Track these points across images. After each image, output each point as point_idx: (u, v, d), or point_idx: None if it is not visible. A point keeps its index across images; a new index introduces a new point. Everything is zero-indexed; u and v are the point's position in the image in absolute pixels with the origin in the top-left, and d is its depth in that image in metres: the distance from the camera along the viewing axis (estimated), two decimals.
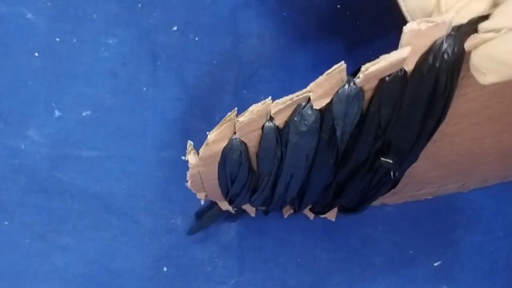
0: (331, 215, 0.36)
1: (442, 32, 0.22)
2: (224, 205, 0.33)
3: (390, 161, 0.28)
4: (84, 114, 0.38)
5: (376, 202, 0.36)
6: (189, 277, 0.37)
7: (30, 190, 0.37)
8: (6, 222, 0.37)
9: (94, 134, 0.38)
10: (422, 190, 0.36)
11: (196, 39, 0.39)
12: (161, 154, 0.38)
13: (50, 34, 0.39)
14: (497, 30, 0.21)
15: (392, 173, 0.29)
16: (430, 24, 0.21)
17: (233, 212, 0.35)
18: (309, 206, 0.34)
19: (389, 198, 0.36)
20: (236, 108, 0.25)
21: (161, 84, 0.39)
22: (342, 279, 0.38)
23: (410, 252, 0.38)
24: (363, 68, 0.22)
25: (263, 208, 0.33)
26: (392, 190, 0.33)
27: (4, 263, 0.36)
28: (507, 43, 0.21)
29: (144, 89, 0.39)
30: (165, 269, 0.37)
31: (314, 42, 0.39)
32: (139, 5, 0.39)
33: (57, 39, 0.39)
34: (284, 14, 0.40)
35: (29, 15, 0.39)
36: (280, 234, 0.38)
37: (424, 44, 0.22)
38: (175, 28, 0.39)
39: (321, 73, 0.25)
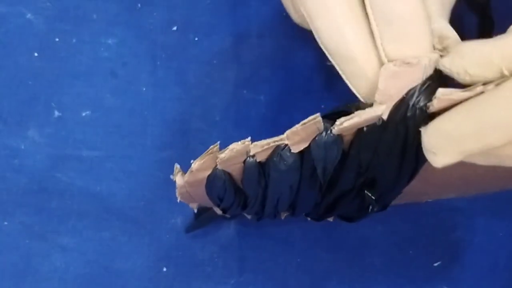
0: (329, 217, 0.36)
1: (418, 75, 0.22)
2: (219, 211, 0.34)
3: (373, 197, 0.29)
4: (83, 114, 0.38)
5: None
6: (189, 277, 0.37)
7: (30, 190, 0.37)
8: (5, 222, 0.37)
9: (94, 134, 0.38)
10: (422, 197, 0.36)
11: (196, 39, 0.39)
12: (161, 154, 0.38)
13: (50, 34, 0.39)
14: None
15: (371, 208, 0.29)
16: (405, 65, 0.21)
17: (228, 216, 0.35)
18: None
19: None
20: (219, 142, 0.25)
21: (161, 84, 0.39)
22: (342, 279, 0.38)
23: (410, 252, 0.38)
24: (337, 122, 0.23)
25: (257, 217, 0.34)
26: None
27: (3, 263, 0.36)
28: (454, 118, 0.20)
29: (144, 89, 0.39)
30: (165, 269, 0.37)
31: (314, 42, 0.39)
32: (139, 5, 0.39)
33: (57, 39, 0.39)
34: (284, 14, 0.40)
35: (28, 15, 0.39)
36: (280, 234, 0.38)
37: (400, 88, 0.22)
38: (175, 28, 0.39)
39: (321, 74, 0.25)
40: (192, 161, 0.27)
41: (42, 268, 0.36)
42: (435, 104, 0.21)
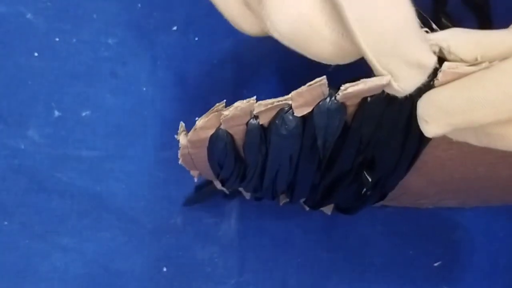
0: (327, 209, 0.36)
1: None
2: (219, 185, 0.34)
3: (369, 179, 0.29)
4: (83, 114, 0.38)
5: (376, 204, 0.36)
6: (189, 277, 0.37)
7: (30, 190, 0.37)
8: (5, 222, 0.36)
9: (93, 134, 0.38)
10: (421, 201, 0.36)
11: (196, 39, 0.39)
12: (161, 154, 0.38)
13: (50, 33, 0.39)
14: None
15: (364, 190, 0.29)
16: None
17: (227, 192, 0.35)
18: (303, 200, 0.35)
19: (389, 202, 0.37)
20: (225, 101, 0.25)
21: (161, 84, 0.39)
22: (342, 279, 0.38)
23: (410, 252, 0.38)
24: (342, 87, 0.23)
25: (256, 195, 0.33)
26: (390, 196, 0.33)
27: (3, 263, 0.36)
28: (447, 91, 0.20)
29: (144, 89, 0.38)
30: (165, 269, 0.37)
31: None
32: (139, 5, 0.39)
33: (57, 39, 0.39)
34: None
35: (28, 15, 0.39)
36: (280, 234, 0.38)
37: None
38: (175, 28, 0.39)
39: (321, 74, 0.25)
40: (197, 118, 0.26)
41: (42, 268, 0.36)
42: (440, 78, 0.21)
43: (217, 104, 0.25)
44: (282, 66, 0.39)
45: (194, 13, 0.39)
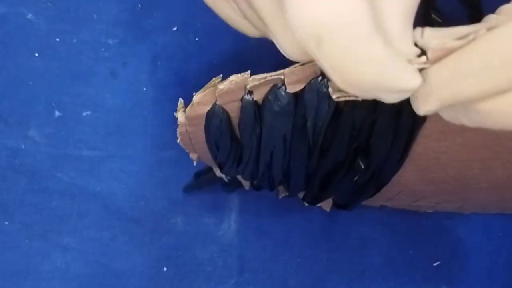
0: (326, 205, 0.36)
1: None
2: (218, 172, 0.34)
3: (362, 166, 0.28)
4: (84, 114, 0.38)
5: (375, 204, 0.36)
6: (189, 277, 0.37)
7: (30, 190, 0.37)
8: (6, 222, 0.37)
9: (94, 134, 0.38)
10: (419, 203, 0.36)
11: (196, 39, 0.39)
12: (161, 154, 0.38)
13: (50, 34, 0.39)
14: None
15: (356, 177, 0.29)
16: None
17: (226, 180, 0.35)
18: (301, 194, 0.35)
19: (387, 203, 0.37)
20: (221, 75, 0.26)
21: (161, 84, 0.39)
22: (342, 279, 0.38)
23: (410, 252, 0.38)
24: (334, 96, 0.23)
25: (254, 182, 0.33)
26: (388, 196, 0.33)
27: (4, 263, 0.36)
28: (437, 63, 0.20)
29: (144, 89, 0.39)
30: (165, 269, 0.37)
31: None
32: (139, 5, 0.39)
33: (57, 39, 0.39)
34: None
35: (29, 15, 0.39)
36: (280, 234, 0.38)
37: None
38: (175, 28, 0.39)
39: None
40: (194, 93, 0.27)
41: (43, 268, 0.36)
42: (430, 56, 0.21)
43: (214, 78, 0.26)
44: (282, 66, 0.39)
45: (194, 13, 0.40)
